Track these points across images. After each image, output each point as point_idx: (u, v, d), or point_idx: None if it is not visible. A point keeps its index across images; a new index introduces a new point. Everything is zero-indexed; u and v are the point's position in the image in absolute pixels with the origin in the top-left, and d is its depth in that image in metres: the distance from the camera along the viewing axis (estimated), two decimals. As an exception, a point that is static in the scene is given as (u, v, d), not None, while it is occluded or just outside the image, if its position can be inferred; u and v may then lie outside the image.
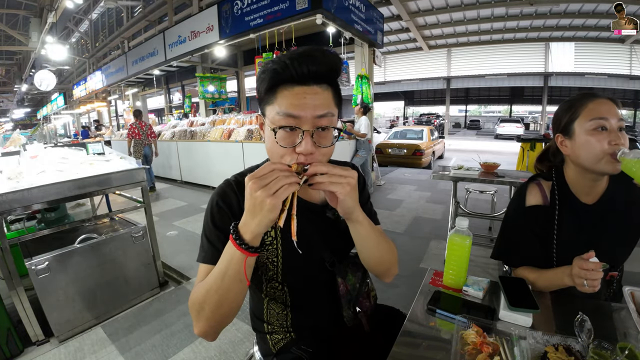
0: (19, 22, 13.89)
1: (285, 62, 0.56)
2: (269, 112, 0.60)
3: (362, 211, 0.64)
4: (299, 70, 0.56)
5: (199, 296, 0.60)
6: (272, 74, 0.57)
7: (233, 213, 0.67)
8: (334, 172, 0.55)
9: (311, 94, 0.57)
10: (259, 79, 0.61)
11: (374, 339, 0.82)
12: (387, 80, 20.91)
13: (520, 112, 26.02)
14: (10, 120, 24.85)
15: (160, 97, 16.61)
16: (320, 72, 0.57)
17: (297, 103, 0.56)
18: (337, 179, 0.55)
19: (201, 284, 0.61)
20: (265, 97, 0.60)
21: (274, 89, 0.58)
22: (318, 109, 0.57)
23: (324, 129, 0.59)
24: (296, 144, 0.57)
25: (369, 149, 4.73)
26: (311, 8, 3.75)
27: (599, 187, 0.88)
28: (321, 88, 0.58)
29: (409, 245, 2.88)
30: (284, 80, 0.57)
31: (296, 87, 0.57)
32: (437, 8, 11.33)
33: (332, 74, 0.59)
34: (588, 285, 0.71)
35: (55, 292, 1.64)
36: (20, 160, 2.09)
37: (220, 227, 0.67)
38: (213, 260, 0.63)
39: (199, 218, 3.82)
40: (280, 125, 0.57)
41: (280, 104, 0.57)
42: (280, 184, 0.50)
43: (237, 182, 0.71)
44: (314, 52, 0.57)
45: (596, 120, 0.80)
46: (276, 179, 0.50)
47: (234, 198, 0.68)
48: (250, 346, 1.43)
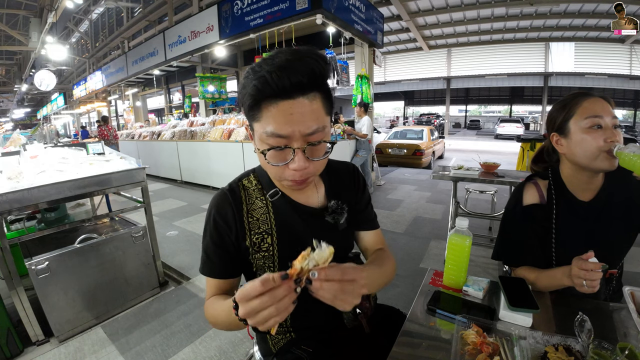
0: (19, 22, 13.88)
1: (265, 76, 0.50)
2: (256, 128, 0.57)
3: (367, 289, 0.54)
4: (279, 84, 0.50)
5: (208, 316, 0.68)
6: (253, 90, 0.52)
7: (229, 227, 0.69)
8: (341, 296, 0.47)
9: (298, 108, 0.52)
10: (240, 93, 0.57)
11: (374, 339, 0.81)
12: (387, 80, 20.91)
13: (520, 112, 26.03)
14: (10, 120, 24.86)
15: (160, 97, 16.61)
16: (303, 82, 0.51)
17: (284, 121, 0.52)
18: (340, 302, 0.47)
19: (210, 307, 0.67)
20: (250, 112, 0.56)
21: (258, 104, 0.54)
22: (307, 125, 0.53)
23: (315, 144, 0.56)
24: (288, 161, 0.55)
25: (369, 149, 4.73)
26: (311, 8, 3.75)
27: (595, 184, 0.89)
28: (308, 99, 0.53)
29: (409, 245, 2.88)
30: (267, 96, 0.52)
31: (281, 103, 0.52)
32: (437, 8, 11.33)
33: (317, 80, 0.53)
34: (587, 285, 0.71)
35: (55, 292, 1.64)
36: (20, 160, 2.10)
37: (218, 244, 0.69)
38: (213, 274, 0.70)
39: (199, 218, 3.82)
40: (270, 147, 0.55)
41: (266, 122, 0.53)
42: (269, 316, 0.43)
43: (231, 191, 0.72)
44: (292, 62, 0.51)
45: (591, 119, 0.81)
46: (265, 311, 0.43)
47: (230, 210, 0.69)
48: (250, 346, 1.43)
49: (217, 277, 0.70)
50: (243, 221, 0.70)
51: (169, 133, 6.29)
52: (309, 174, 0.57)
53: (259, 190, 0.73)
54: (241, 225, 0.69)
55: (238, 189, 0.73)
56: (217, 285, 0.70)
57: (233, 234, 0.69)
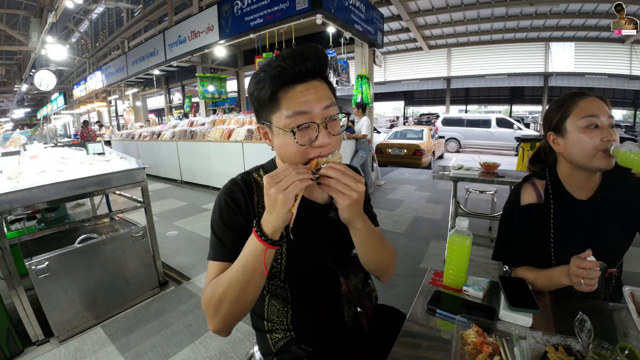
0: (19, 22, 13.88)
1: (281, 64, 0.57)
2: (276, 120, 0.61)
3: (362, 219, 0.65)
4: (297, 69, 0.57)
5: (217, 291, 0.61)
6: (271, 80, 0.58)
7: (241, 210, 0.68)
8: (343, 180, 0.56)
9: (312, 88, 0.59)
10: (256, 89, 0.61)
11: (374, 338, 0.82)
12: (387, 80, 20.90)
13: (520, 112, 25.99)
14: (11, 120, 24.84)
15: (160, 97, 16.60)
16: (315, 68, 0.59)
17: (303, 100, 0.58)
18: (342, 187, 0.57)
19: (219, 280, 0.63)
20: (268, 106, 0.61)
21: (275, 95, 0.59)
22: (323, 101, 0.59)
23: (333, 119, 0.61)
24: (312, 140, 0.59)
25: (369, 149, 4.73)
26: (311, 8, 3.75)
27: (592, 183, 0.89)
28: (318, 82, 0.61)
29: (408, 245, 2.88)
30: (283, 83, 0.58)
31: (297, 86, 0.59)
32: (437, 8, 11.32)
33: (323, 68, 0.62)
34: (586, 284, 0.71)
35: (55, 292, 1.65)
36: (20, 160, 2.10)
37: (229, 224, 0.68)
38: (223, 257, 0.66)
39: (199, 218, 3.82)
40: (298, 125, 0.58)
41: (287, 106, 0.58)
42: (291, 181, 0.53)
43: (243, 181, 0.72)
44: (305, 50, 0.59)
45: (588, 118, 0.82)
46: (287, 177, 0.54)
47: (241, 196, 0.69)
48: (250, 346, 1.43)
49: (229, 261, 0.64)
50: (254, 209, 0.70)
51: (169, 133, 6.28)
52: (332, 149, 0.61)
53: None
54: (252, 212, 0.69)
55: (249, 180, 0.73)
56: (224, 269, 0.64)
57: (243, 218, 0.68)
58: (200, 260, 2.64)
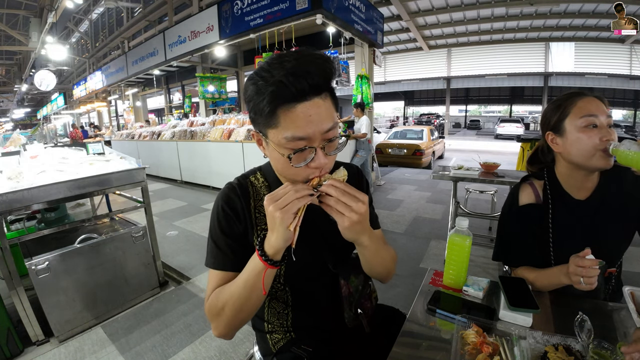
0: (19, 22, 13.88)
1: (282, 80, 0.52)
2: (272, 136, 0.57)
3: (369, 237, 0.63)
4: (299, 87, 0.52)
5: (220, 301, 0.63)
6: (270, 96, 0.53)
7: (238, 217, 0.68)
8: (343, 199, 0.54)
9: (314, 109, 0.54)
10: (254, 97, 0.56)
11: (374, 339, 0.81)
12: (387, 80, 20.92)
13: (520, 112, 26.00)
14: (10, 120, 24.84)
15: (160, 97, 16.60)
16: (320, 84, 0.55)
17: (304, 123, 0.54)
18: (342, 207, 0.55)
19: (222, 290, 0.65)
20: (265, 119, 0.56)
21: (274, 112, 0.54)
22: (324, 124, 0.55)
23: (331, 140, 0.58)
24: (308, 161, 0.57)
25: (368, 149, 4.73)
26: (311, 8, 3.75)
27: (591, 183, 0.89)
28: (321, 99, 0.56)
29: (408, 245, 2.88)
30: (284, 100, 0.53)
31: (298, 106, 0.53)
32: (437, 8, 11.33)
33: (328, 81, 0.57)
34: (585, 282, 0.71)
35: (55, 292, 1.64)
36: (20, 160, 2.10)
37: (227, 233, 0.68)
38: (225, 266, 0.67)
39: (199, 218, 3.82)
40: (295, 151, 0.55)
41: (285, 127, 0.54)
42: (289, 200, 0.53)
43: (240, 185, 0.72)
44: (305, 65, 0.53)
45: (586, 118, 0.82)
46: (286, 195, 0.53)
47: (238, 202, 0.69)
48: (250, 346, 1.43)
49: (229, 270, 0.67)
50: (251, 214, 0.70)
51: (169, 133, 6.28)
52: (328, 169, 0.60)
53: (266, 187, 0.73)
54: (249, 218, 0.69)
55: (246, 184, 0.73)
56: (224, 278, 0.67)
57: (241, 225, 0.69)
58: (200, 260, 2.64)
